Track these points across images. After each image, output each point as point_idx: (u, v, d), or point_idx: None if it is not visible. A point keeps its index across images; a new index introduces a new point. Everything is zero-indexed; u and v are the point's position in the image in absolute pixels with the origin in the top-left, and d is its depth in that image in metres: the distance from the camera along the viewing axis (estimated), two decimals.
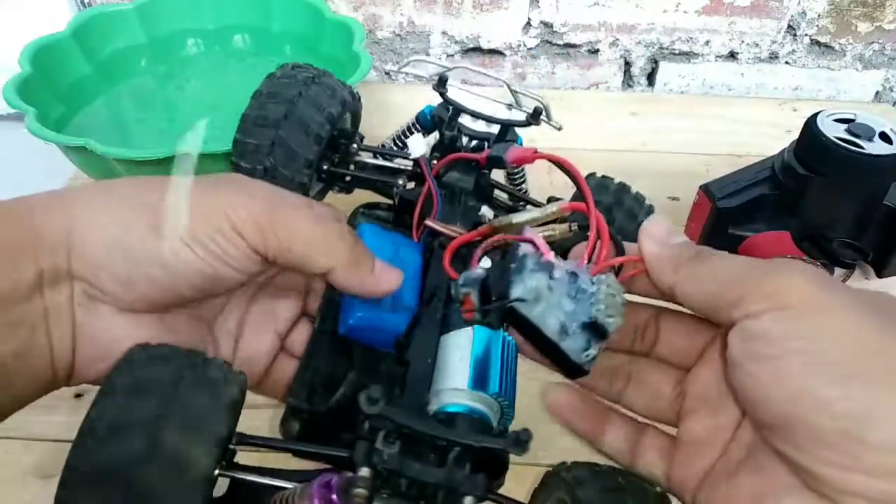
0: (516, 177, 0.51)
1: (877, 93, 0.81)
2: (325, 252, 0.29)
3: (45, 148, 0.52)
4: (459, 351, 0.31)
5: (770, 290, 0.23)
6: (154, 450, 0.23)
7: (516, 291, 0.27)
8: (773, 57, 0.79)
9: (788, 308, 0.22)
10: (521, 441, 0.28)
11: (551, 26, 0.77)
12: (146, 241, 0.26)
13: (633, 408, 0.32)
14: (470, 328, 0.31)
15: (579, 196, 0.34)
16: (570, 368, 0.29)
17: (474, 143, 0.42)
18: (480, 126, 0.42)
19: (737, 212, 0.51)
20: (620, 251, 0.30)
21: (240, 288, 0.31)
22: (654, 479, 0.29)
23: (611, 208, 0.41)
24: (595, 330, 0.28)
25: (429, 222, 0.35)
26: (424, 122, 0.46)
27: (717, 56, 0.79)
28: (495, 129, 0.42)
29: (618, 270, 0.31)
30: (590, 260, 0.30)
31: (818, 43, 0.78)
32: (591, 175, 0.44)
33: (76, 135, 0.53)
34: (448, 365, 0.31)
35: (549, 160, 0.34)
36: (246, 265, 0.28)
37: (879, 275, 0.54)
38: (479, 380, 0.30)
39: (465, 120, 0.42)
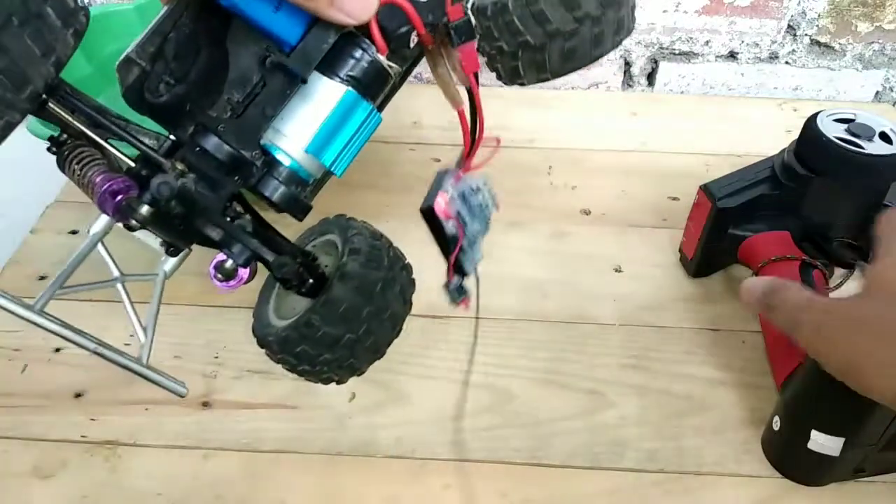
0: None
1: (877, 93, 0.81)
2: None
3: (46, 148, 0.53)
4: (321, 103, 0.31)
5: None
6: None
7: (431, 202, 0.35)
8: (773, 57, 0.79)
9: None
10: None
11: None
12: None
13: None
14: (343, 87, 0.31)
15: None
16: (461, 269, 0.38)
17: None
18: None
19: (736, 211, 0.52)
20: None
21: None
22: None
23: None
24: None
25: None
26: None
27: (717, 56, 0.79)
28: None
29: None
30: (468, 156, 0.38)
31: (818, 43, 0.78)
32: None
33: None
34: (302, 111, 0.31)
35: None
36: None
37: None
38: (321, 144, 0.32)
39: None
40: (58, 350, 0.51)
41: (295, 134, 0.31)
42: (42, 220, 0.62)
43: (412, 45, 0.34)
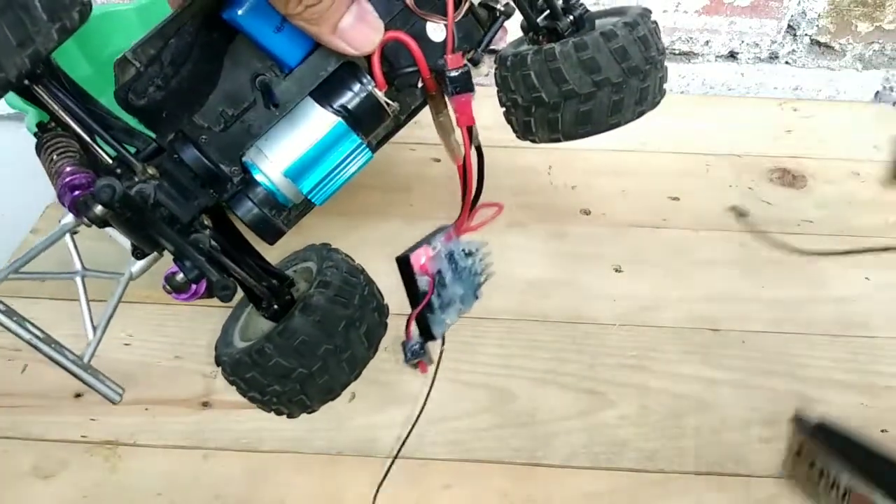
0: None
1: (877, 93, 0.81)
2: None
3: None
4: (308, 130, 0.31)
5: None
6: None
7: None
8: (773, 57, 0.79)
9: None
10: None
11: None
12: None
13: None
14: (334, 117, 0.31)
15: None
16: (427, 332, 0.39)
17: None
18: None
19: None
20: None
21: None
22: None
23: None
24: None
25: None
26: None
27: (717, 56, 0.79)
28: None
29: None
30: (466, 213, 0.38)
31: (818, 43, 0.78)
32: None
33: None
34: (288, 134, 0.31)
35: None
36: None
37: None
38: (301, 170, 0.31)
39: None
40: None
41: (276, 156, 0.31)
42: (42, 220, 0.62)
43: (419, 84, 0.33)
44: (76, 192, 0.30)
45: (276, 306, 0.35)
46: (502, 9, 0.35)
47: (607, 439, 0.46)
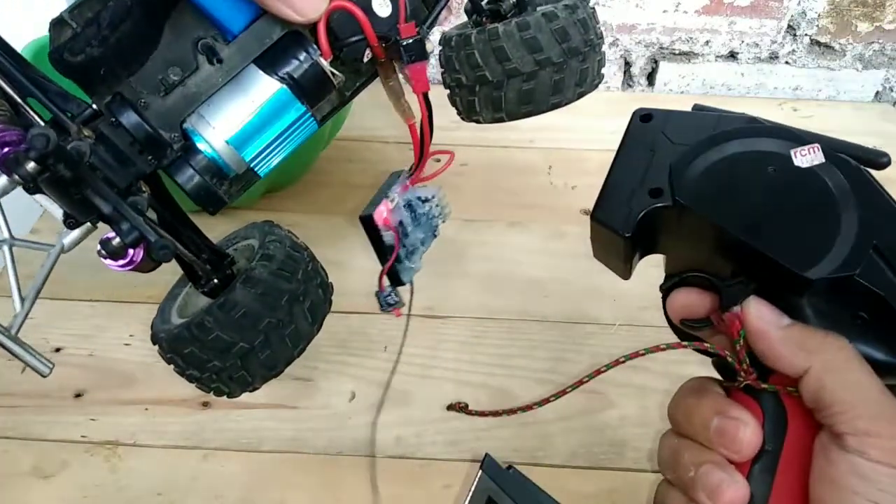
0: None
1: (877, 93, 0.81)
2: None
3: None
4: (251, 97, 0.30)
5: None
6: None
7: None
8: (773, 57, 0.79)
9: None
10: None
11: None
12: None
13: None
14: (278, 83, 0.31)
15: None
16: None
17: None
18: None
19: None
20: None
21: None
22: None
23: None
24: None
25: None
26: None
27: (717, 56, 0.79)
28: None
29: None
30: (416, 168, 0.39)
31: (818, 43, 0.78)
32: None
33: None
34: (231, 100, 0.30)
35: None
36: None
37: None
38: (245, 138, 0.30)
39: None
40: (58, 350, 0.51)
41: (219, 123, 0.30)
42: (42, 220, 0.62)
43: (366, 58, 0.33)
44: (6, 150, 0.28)
45: (215, 281, 0.34)
46: None
47: (607, 439, 0.46)
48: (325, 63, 0.31)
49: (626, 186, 0.28)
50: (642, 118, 0.30)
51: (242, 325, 0.31)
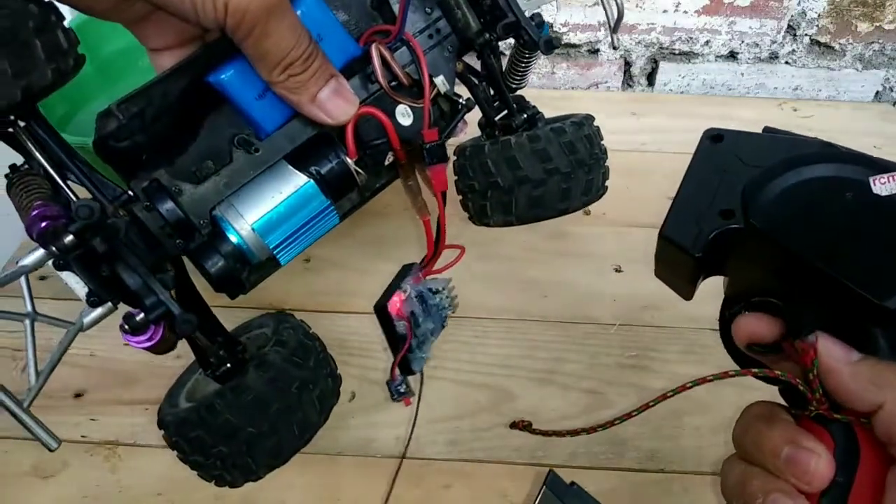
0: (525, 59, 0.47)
1: (877, 93, 0.81)
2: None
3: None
4: (279, 188, 0.33)
5: None
6: None
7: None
8: (773, 57, 0.79)
9: None
10: None
11: (551, 26, 0.77)
12: None
13: None
14: (305, 178, 0.33)
15: None
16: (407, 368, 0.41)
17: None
18: None
19: None
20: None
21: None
22: None
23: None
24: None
25: (377, 46, 0.34)
26: None
27: (717, 56, 0.79)
28: None
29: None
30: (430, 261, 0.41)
31: (818, 43, 0.78)
32: None
33: (77, 134, 0.53)
34: (259, 192, 0.32)
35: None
36: None
37: None
38: (270, 226, 0.32)
39: None
40: None
41: (247, 211, 0.32)
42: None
43: (387, 161, 0.36)
44: (45, 223, 0.30)
45: (228, 365, 0.35)
46: (464, 103, 0.38)
47: (607, 439, 0.46)
48: (350, 162, 0.33)
49: (695, 206, 0.28)
50: (713, 138, 0.29)
51: (252, 410, 0.33)
